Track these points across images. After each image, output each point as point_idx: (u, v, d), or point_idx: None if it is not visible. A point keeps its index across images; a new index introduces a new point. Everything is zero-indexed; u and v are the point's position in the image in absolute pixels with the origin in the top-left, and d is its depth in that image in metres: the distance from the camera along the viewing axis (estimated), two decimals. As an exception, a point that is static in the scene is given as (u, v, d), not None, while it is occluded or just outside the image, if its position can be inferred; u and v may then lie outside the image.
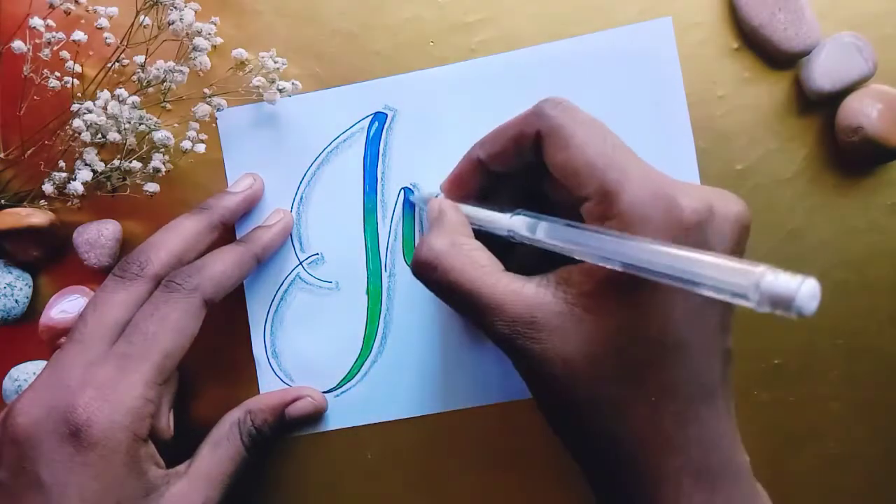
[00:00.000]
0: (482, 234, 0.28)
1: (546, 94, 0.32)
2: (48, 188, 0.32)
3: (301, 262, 0.33)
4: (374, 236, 0.33)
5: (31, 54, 0.31)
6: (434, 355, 0.33)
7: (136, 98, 0.31)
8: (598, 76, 0.32)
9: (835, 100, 0.31)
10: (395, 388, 0.33)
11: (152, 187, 0.32)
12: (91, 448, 0.25)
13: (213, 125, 0.34)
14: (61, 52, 0.32)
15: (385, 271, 0.33)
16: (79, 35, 0.31)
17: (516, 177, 0.28)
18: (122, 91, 0.31)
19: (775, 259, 0.28)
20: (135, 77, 0.32)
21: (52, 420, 0.26)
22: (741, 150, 0.32)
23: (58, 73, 0.32)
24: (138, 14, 0.31)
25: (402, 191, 0.33)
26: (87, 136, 0.31)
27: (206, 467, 0.29)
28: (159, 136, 0.32)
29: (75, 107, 0.31)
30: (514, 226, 0.26)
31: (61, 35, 0.31)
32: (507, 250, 0.27)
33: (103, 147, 0.33)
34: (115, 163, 0.32)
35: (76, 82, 0.32)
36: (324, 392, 0.33)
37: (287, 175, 0.34)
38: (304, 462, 0.33)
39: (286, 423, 0.32)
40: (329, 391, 0.33)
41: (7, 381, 0.33)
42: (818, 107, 0.32)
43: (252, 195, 0.33)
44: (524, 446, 0.32)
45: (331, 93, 0.34)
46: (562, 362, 0.23)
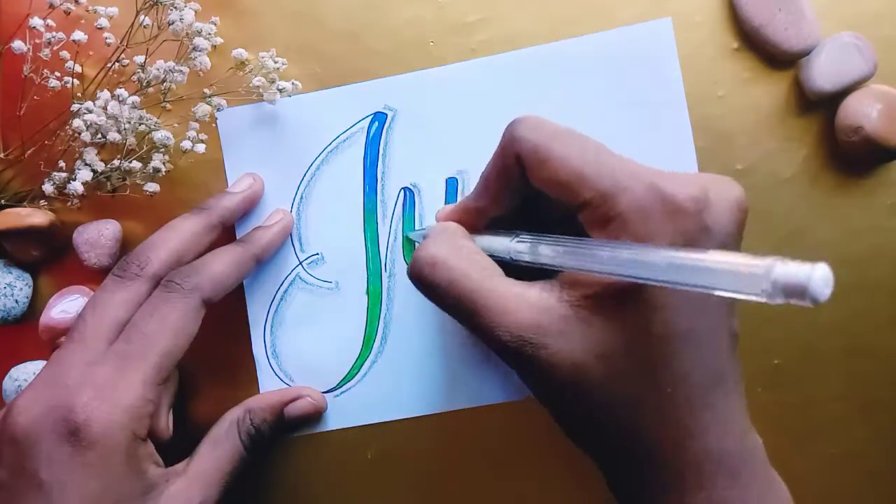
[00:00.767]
0: None
1: (546, 95, 0.33)
2: (48, 188, 0.32)
3: (301, 262, 0.33)
4: (374, 236, 0.33)
5: (31, 54, 0.31)
6: (434, 355, 0.33)
7: (136, 98, 0.31)
8: (598, 76, 0.32)
9: (835, 100, 0.31)
10: (394, 388, 0.33)
11: (152, 187, 0.32)
12: (90, 447, 0.25)
13: (213, 125, 0.34)
14: (61, 52, 0.32)
15: (385, 271, 0.33)
16: (79, 35, 0.31)
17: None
18: (122, 91, 0.31)
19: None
20: (135, 77, 0.32)
21: (51, 419, 0.26)
22: (741, 150, 0.32)
23: (58, 73, 0.32)
24: (138, 14, 0.31)
25: (403, 191, 0.33)
26: (87, 136, 0.31)
27: (205, 466, 0.29)
28: (159, 136, 0.32)
29: (75, 107, 0.31)
30: (517, 250, 0.25)
31: (61, 35, 0.31)
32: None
33: (103, 147, 0.33)
34: (115, 163, 0.32)
35: (76, 82, 0.32)
36: (324, 392, 0.33)
37: (287, 175, 0.34)
38: (304, 462, 0.33)
39: (285, 422, 0.32)
40: (329, 391, 0.33)
41: (7, 381, 0.33)
42: (818, 107, 0.32)
43: (252, 195, 0.33)
44: (524, 446, 0.32)
45: (331, 93, 0.34)
46: (572, 366, 0.23)
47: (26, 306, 0.34)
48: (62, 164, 0.32)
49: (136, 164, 0.32)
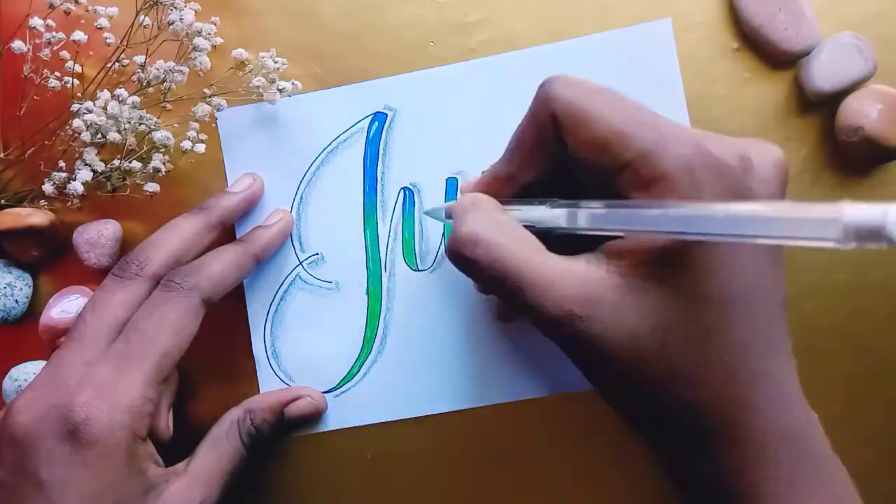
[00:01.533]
0: None
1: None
2: (48, 188, 0.32)
3: (301, 262, 0.33)
4: (374, 236, 0.33)
5: (31, 54, 0.31)
6: (434, 356, 0.33)
7: (136, 98, 0.31)
8: (598, 76, 0.32)
9: (835, 100, 0.31)
10: (394, 389, 0.33)
11: (152, 187, 0.32)
12: (90, 447, 0.25)
13: (213, 125, 0.34)
14: (61, 52, 0.32)
15: (385, 271, 0.33)
16: (79, 35, 0.31)
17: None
18: (122, 91, 0.31)
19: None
20: (135, 77, 0.32)
21: (51, 419, 0.26)
22: (741, 150, 0.32)
23: (58, 73, 0.32)
24: (138, 14, 0.31)
25: (403, 191, 0.33)
26: (87, 136, 0.31)
27: (205, 466, 0.29)
28: (159, 136, 0.32)
29: (75, 107, 0.31)
30: (554, 217, 0.24)
31: (61, 35, 0.31)
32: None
33: (103, 147, 0.33)
34: (115, 163, 0.32)
35: (76, 82, 0.32)
36: (324, 392, 0.33)
37: (287, 175, 0.34)
38: (304, 462, 0.33)
39: (285, 422, 0.32)
40: (329, 391, 0.33)
41: (7, 381, 0.33)
42: (818, 107, 0.32)
43: (251, 195, 0.33)
44: (524, 447, 0.32)
45: (331, 93, 0.34)
46: (627, 339, 0.22)
47: (26, 306, 0.34)
48: (62, 164, 0.32)
49: (136, 164, 0.32)
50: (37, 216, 0.32)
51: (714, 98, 0.32)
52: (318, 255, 0.33)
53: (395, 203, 0.33)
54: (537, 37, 0.33)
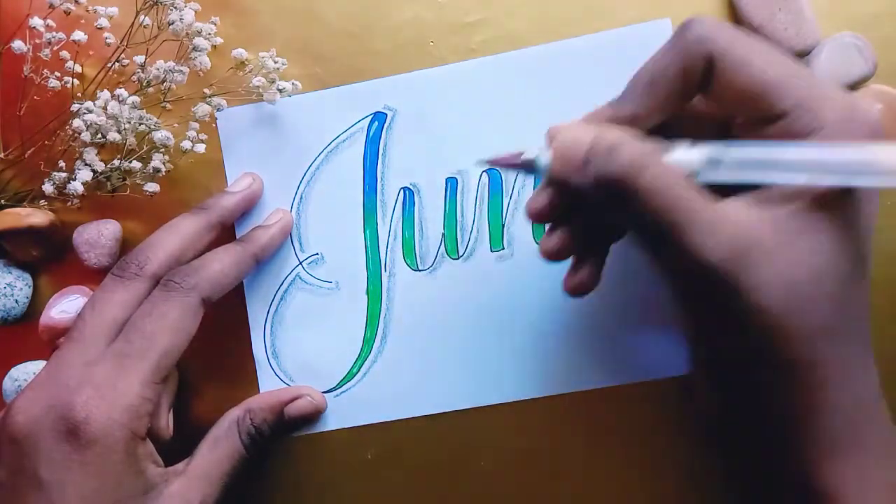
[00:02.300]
0: None
1: (546, 95, 0.33)
2: (48, 188, 0.32)
3: (301, 262, 0.33)
4: (374, 236, 0.33)
5: (31, 54, 0.31)
6: (434, 355, 0.33)
7: (136, 98, 0.31)
8: (598, 76, 0.32)
9: (835, 100, 0.31)
10: (394, 388, 0.33)
11: (152, 187, 0.32)
12: (89, 446, 0.25)
13: (213, 125, 0.34)
14: (61, 52, 0.32)
15: (385, 271, 0.33)
16: (79, 35, 0.31)
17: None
18: (122, 91, 0.31)
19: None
20: (135, 77, 0.32)
21: (51, 418, 0.26)
22: (741, 150, 0.32)
23: (58, 73, 0.32)
24: (138, 14, 0.31)
25: (402, 191, 0.33)
26: (87, 136, 0.31)
27: (205, 466, 0.29)
28: (159, 136, 0.32)
29: (75, 107, 0.31)
30: (698, 160, 0.22)
31: (61, 35, 0.31)
32: None
33: (103, 147, 0.33)
34: (115, 163, 0.32)
35: (76, 82, 0.32)
36: (324, 392, 0.33)
37: (287, 175, 0.34)
38: (304, 462, 0.33)
39: (285, 422, 0.32)
40: (329, 391, 0.33)
41: (7, 381, 0.33)
42: (818, 107, 0.32)
43: (251, 195, 0.33)
44: (525, 447, 0.32)
45: (331, 93, 0.34)
46: (785, 288, 0.21)
47: (26, 306, 0.34)
48: (62, 164, 0.32)
49: (136, 164, 0.32)
50: (37, 216, 0.32)
51: (714, 98, 0.32)
52: (317, 255, 0.33)
53: (395, 203, 0.33)
54: (537, 37, 0.33)
